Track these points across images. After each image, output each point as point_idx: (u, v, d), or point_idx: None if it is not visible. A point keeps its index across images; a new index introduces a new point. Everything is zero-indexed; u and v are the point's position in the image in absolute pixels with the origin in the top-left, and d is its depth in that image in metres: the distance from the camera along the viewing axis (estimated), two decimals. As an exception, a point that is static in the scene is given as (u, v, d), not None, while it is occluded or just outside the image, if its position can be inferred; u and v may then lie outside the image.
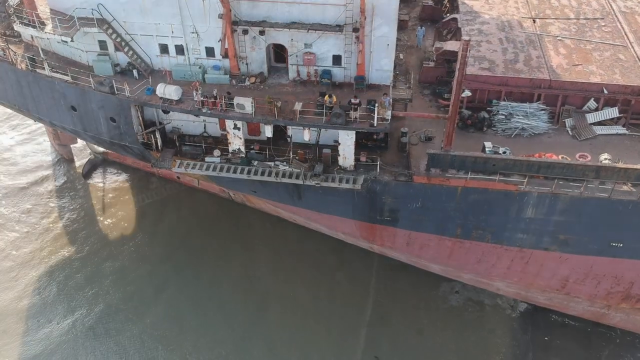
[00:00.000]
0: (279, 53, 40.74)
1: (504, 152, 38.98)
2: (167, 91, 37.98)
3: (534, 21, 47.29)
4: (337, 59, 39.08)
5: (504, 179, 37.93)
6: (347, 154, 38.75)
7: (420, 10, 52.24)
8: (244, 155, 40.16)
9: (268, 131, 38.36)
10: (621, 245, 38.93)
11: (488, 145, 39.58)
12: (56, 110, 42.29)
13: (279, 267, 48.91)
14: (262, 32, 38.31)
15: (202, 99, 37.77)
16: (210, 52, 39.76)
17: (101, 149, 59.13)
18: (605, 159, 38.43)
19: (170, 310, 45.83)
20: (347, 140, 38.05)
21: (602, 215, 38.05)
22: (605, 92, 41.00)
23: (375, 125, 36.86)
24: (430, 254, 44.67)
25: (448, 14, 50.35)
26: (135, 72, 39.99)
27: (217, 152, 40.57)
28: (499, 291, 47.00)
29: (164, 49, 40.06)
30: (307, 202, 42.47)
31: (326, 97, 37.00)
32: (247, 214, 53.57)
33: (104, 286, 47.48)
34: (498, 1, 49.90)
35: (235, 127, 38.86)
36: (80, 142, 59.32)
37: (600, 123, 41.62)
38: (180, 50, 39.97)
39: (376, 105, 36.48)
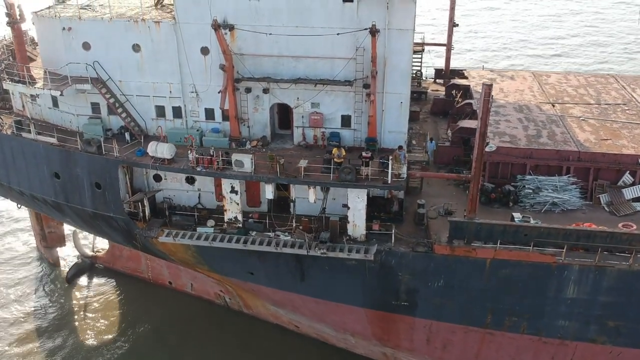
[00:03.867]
0: (283, 118, 37.95)
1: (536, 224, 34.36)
2: (160, 149, 34.64)
3: (553, 105, 44.96)
4: (346, 120, 36.18)
5: (539, 249, 32.88)
6: (357, 221, 34.19)
7: (431, 104, 50.38)
8: (241, 225, 35.58)
9: (269, 192, 34.23)
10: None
11: (517, 216, 35.06)
12: (38, 180, 38.75)
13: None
14: (265, 90, 35.80)
15: (197, 156, 34.18)
16: (209, 114, 37.11)
17: (90, 253, 54.61)
18: (653, 231, 33.66)
19: None
20: (357, 204, 33.70)
21: (658, 294, 32.43)
22: (642, 164, 37.27)
23: (389, 182, 32.76)
24: (455, 355, 38.03)
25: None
26: (127, 134, 36.92)
27: (210, 222, 36.14)
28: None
29: (160, 111, 37.48)
30: (311, 285, 36.95)
31: (334, 150, 33.40)
32: (247, 325, 47.10)
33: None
34: (513, 90, 48.10)
35: (233, 191, 34.78)
36: (68, 245, 54.97)
37: (638, 199, 37.29)
38: (177, 112, 37.38)
39: (390, 159, 32.62)
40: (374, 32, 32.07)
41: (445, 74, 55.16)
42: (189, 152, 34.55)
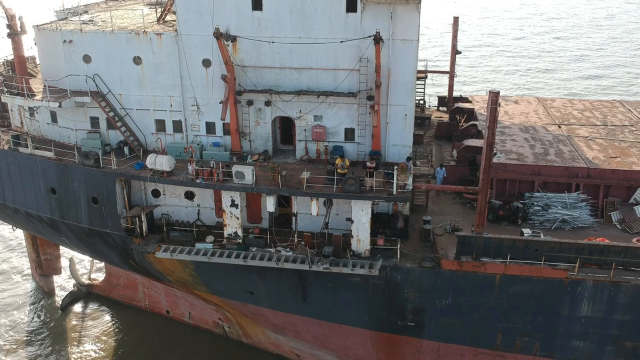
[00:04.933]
0: (286, 133, 37.24)
1: (546, 239, 33.17)
2: (158, 161, 33.76)
3: (559, 127, 44.30)
4: (349, 133, 35.39)
5: (551, 263, 31.60)
6: (361, 235, 33.00)
7: (435, 128, 49.75)
8: (241, 241, 34.39)
9: (270, 205, 33.13)
10: None
11: (527, 231, 33.90)
12: (34, 196, 37.76)
13: None
14: (268, 103, 35.20)
15: (197, 168, 33.32)
16: (210, 128, 36.42)
17: (86, 281, 53.13)
18: (668, 247, 32.39)
19: None
20: (361, 217, 32.59)
21: (676, 311, 30.96)
22: (654, 180, 36.30)
23: (394, 194, 31.74)
24: (464, 381, 36.16)
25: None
26: (126, 149, 36.16)
27: (210, 238, 34.94)
28: None
29: (160, 125, 36.79)
30: (313, 305, 35.43)
31: (338, 160, 32.51)
32: (246, 356, 45.04)
33: None
34: (518, 113, 47.59)
35: (233, 204, 33.73)
36: (64, 272, 53.54)
37: (651, 217, 36.18)
38: (178, 126, 36.67)
39: (395, 169, 31.69)
40: (378, 39, 31.58)
41: (448, 101, 54.79)
42: (189, 164, 33.69)
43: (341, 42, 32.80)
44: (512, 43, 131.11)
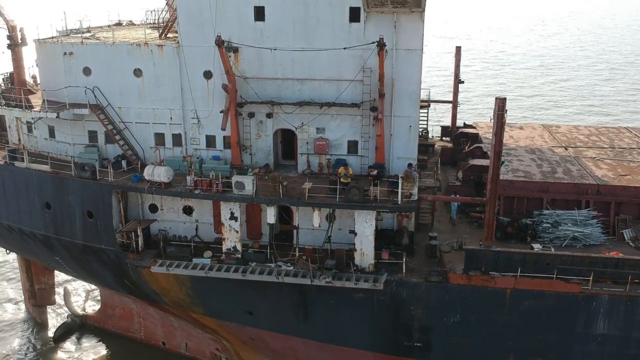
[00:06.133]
0: (287, 148, 36.49)
1: (558, 254, 31.88)
2: (157, 172, 32.86)
3: (566, 149, 43.53)
4: (352, 146, 34.60)
5: (563, 277, 30.22)
6: (365, 249, 31.75)
7: (439, 154, 48.97)
8: (240, 256, 33.11)
9: (270, 216, 32.01)
10: None
11: (537, 246, 32.67)
12: (28, 212, 36.74)
13: None
14: (269, 115, 34.56)
15: (195, 179, 32.41)
16: (210, 141, 35.66)
17: (80, 312, 51.42)
18: (685, 262, 31.06)
19: None
20: (365, 229, 31.42)
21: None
22: (665, 196, 35.22)
23: (399, 203, 30.67)
24: (474, 408, 34.15)
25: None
26: (124, 162, 35.34)
27: (208, 253, 33.70)
28: None
29: (160, 139, 36.08)
30: (314, 325, 33.82)
31: (341, 169, 31.58)
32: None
33: None
34: (523, 137, 46.90)
35: (232, 217, 32.62)
36: (58, 301, 51.88)
37: (666, 235, 34.93)
38: (177, 140, 35.94)
39: (400, 177, 30.73)
40: (381, 45, 31.11)
41: (451, 131, 54.17)
42: (188, 175, 32.79)
43: (344, 48, 32.34)
44: (515, 72, 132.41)
